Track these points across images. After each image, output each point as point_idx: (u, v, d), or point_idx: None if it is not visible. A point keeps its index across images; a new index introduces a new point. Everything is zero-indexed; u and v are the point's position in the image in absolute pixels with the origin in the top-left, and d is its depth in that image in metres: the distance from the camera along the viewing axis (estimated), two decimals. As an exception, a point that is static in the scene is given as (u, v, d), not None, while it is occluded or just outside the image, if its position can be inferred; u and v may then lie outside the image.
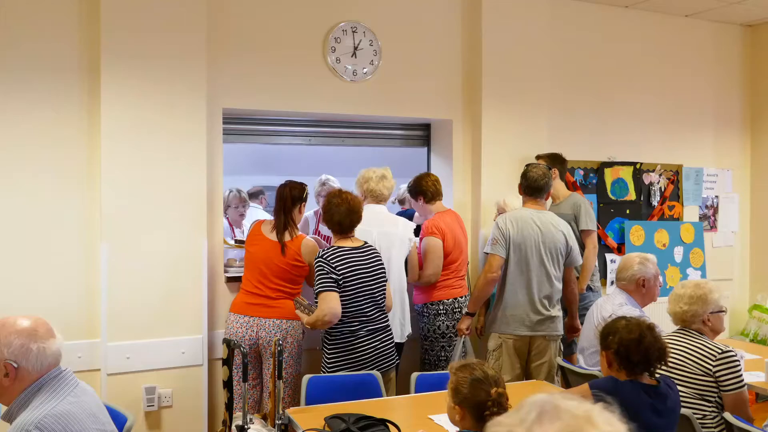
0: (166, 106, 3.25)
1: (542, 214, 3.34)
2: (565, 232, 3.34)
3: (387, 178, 3.52)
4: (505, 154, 4.09)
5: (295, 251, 3.19)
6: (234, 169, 6.03)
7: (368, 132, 4.29)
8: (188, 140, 3.29)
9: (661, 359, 2.22)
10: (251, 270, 3.23)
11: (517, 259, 3.26)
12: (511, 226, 3.26)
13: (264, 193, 5.74)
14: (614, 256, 4.60)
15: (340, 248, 2.95)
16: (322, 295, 2.85)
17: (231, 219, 4.64)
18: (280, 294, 3.19)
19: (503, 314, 3.29)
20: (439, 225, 3.57)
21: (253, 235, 3.29)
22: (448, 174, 4.14)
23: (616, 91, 4.65)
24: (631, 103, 4.70)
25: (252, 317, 3.16)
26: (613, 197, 4.63)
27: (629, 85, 4.70)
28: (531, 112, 4.18)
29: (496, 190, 4.00)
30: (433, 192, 3.68)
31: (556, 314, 3.31)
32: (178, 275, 3.27)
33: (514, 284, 3.27)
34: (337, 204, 2.98)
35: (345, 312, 2.88)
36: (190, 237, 3.30)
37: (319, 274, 2.87)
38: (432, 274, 3.55)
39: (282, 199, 3.26)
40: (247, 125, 3.91)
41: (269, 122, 4.00)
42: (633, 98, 4.71)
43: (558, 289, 3.34)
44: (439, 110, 4.09)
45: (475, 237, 4.09)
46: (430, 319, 3.57)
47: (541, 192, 3.37)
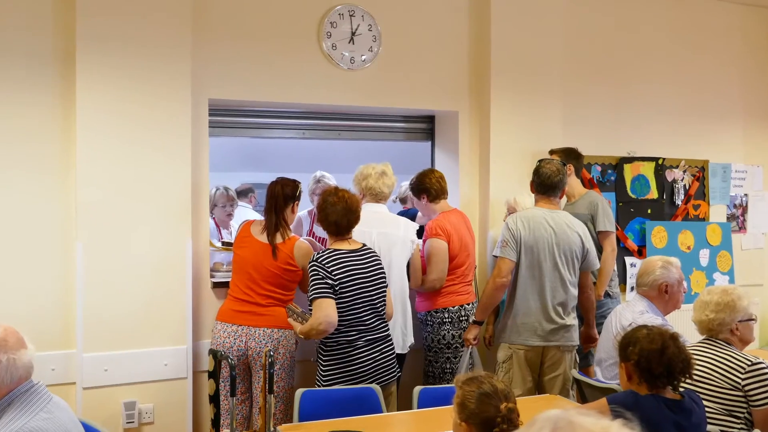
0: (147, 97, 3.25)
1: (556, 214, 3.35)
2: (581, 234, 3.35)
3: (387, 174, 3.52)
4: (515, 149, 4.09)
5: (288, 254, 3.19)
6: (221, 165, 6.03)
7: (367, 125, 4.28)
8: (171, 133, 3.29)
9: (685, 372, 2.22)
10: (240, 275, 3.23)
11: (528, 262, 3.26)
12: (523, 227, 3.26)
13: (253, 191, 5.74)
14: (634, 259, 4.61)
15: (337, 251, 2.95)
16: (317, 301, 2.85)
17: (218, 219, 4.65)
18: (271, 301, 3.19)
19: (514, 323, 3.29)
20: (444, 226, 3.57)
21: (241, 237, 3.29)
22: (453, 170, 4.14)
23: (636, 80, 4.65)
24: (652, 93, 4.70)
25: (240, 326, 3.16)
26: (633, 196, 4.63)
27: (651, 74, 4.70)
28: (544, 103, 4.18)
29: (505, 188, 4.00)
30: (438, 190, 3.68)
31: (571, 323, 3.31)
32: (161, 280, 3.27)
33: (526, 290, 3.27)
34: (333, 203, 2.98)
35: (342, 320, 2.88)
36: (174, 238, 3.30)
37: (314, 279, 2.87)
38: (436, 279, 3.55)
39: (273, 197, 3.26)
40: (235, 117, 3.91)
41: (259, 114, 4.00)
42: (655, 88, 4.71)
43: (573, 296, 3.34)
44: (444, 101, 4.09)
45: (483, 239, 4.09)
46: (435, 328, 3.57)
47: (555, 190, 3.37)
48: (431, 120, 4.38)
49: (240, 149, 6.70)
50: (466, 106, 4.13)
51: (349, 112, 4.13)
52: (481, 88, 4.12)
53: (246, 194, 5.60)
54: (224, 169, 6.32)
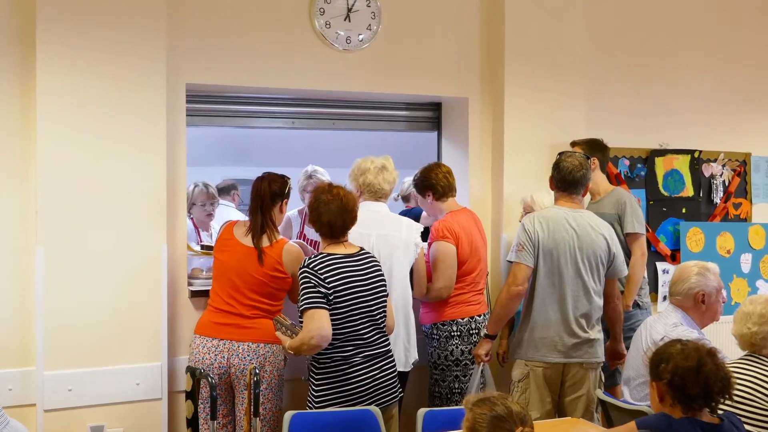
0: (117, 82, 3.24)
1: (579, 213, 3.34)
2: (607, 236, 3.34)
3: (388, 169, 3.52)
4: (532, 141, 4.08)
5: (275, 259, 3.19)
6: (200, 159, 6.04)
7: (365, 113, 4.28)
8: (144, 123, 3.29)
9: (724, 392, 2.22)
10: (221, 282, 3.22)
11: (547, 269, 3.26)
12: (541, 229, 3.26)
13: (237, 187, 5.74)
14: (667, 265, 4.60)
15: (331, 256, 2.95)
16: (309, 313, 2.84)
17: (196, 220, 4.65)
18: (257, 312, 3.18)
19: (531, 337, 3.29)
20: (452, 227, 3.57)
21: (223, 240, 3.29)
22: (462, 164, 4.14)
23: (669, 63, 4.65)
24: (687, 78, 4.70)
25: (222, 340, 3.16)
26: (665, 193, 4.63)
27: (685, 57, 4.70)
28: (565, 89, 4.18)
29: (521, 185, 4.00)
30: (445, 186, 3.68)
31: (595, 337, 3.31)
32: (132, 289, 3.26)
33: (544, 300, 3.27)
34: (326, 201, 2.98)
35: (336, 334, 2.88)
36: (147, 242, 3.29)
37: (305, 287, 2.87)
38: (443, 287, 3.55)
39: (259, 195, 3.25)
40: (216, 105, 3.90)
41: (243, 101, 3.99)
42: (690, 73, 4.70)
43: (598, 306, 3.33)
44: (452, 86, 4.09)
45: (496, 242, 4.09)
46: (441, 342, 3.57)
47: (578, 186, 3.37)
48: (437, 108, 4.37)
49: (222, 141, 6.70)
50: (477, 91, 4.13)
51: (345, 99, 4.12)
52: (494, 71, 4.11)
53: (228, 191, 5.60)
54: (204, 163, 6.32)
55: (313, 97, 4.04)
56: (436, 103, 4.35)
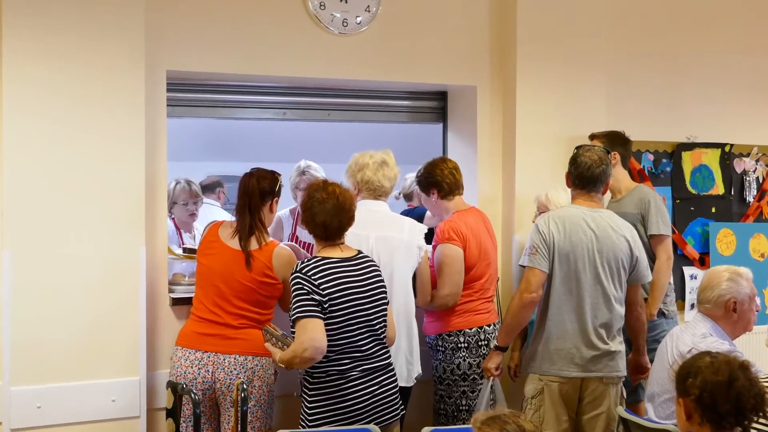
0: (90, 69, 3.24)
1: (598, 213, 3.35)
2: (629, 238, 3.35)
3: (388, 164, 3.52)
4: (547, 133, 4.09)
5: (265, 263, 3.19)
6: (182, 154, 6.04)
7: (363, 103, 4.28)
8: (120, 114, 3.29)
9: (757, 409, 2.22)
10: (205, 289, 3.23)
11: (564, 274, 3.26)
12: (556, 230, 3.26)
13: (222, 185, 5.74)
14: (695, 270, 4.60)
15: (325, 260, 2.95)
16: (301, 322, 2.85)
17: (178, 220, 4.65)
18: (245, 322, 3.19)
19: (545, 349, 3.29)
20: (459, 228, 3.57)
21: (207, 242, 3.29)
22: (470, 159, 4.14)
23: (698, 48, 4.65)
24: (718, 64, 4.69)
25: (206, 353, 3.16)
26: (693, 191, 4.63)
27: (716, 41, 4.70)
28: (583, 77, 4.18)
29: (535, 181, 4.00)
30: (451, 183, 3.68)
31: (616, 348, 3.32)
32: (107, 296, 3.27)
33: (561, 308, 3.27)
34: (321, 200, 2.98)
35: (332, 345, 2.88)
36: (123, 244, 3.29)
37: (297, 294, 2.87)
38: (449, 294, 3.55)
39: (247, 193, 3.26)
40: (199, 93, 3.91)
41: (229, 90, 4.00)
42: (721, 58, 4.70)
43: (619, 315, 3.34)
44: (459, 73, 4.09)
45: (507, 244, 4.09)
46: (447, 355, 3.58)
47: (597, 184, 3.37)
48: (443, 97, 4.37)
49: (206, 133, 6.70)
50: (487, 79, 4.13)
51: (341, 88, 4.12)
52: (505, 57, 4.11)
53: (213, 189, 5.60)
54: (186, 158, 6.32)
55: (306, 85, 4.04)
56: (441, 91, 4.35)
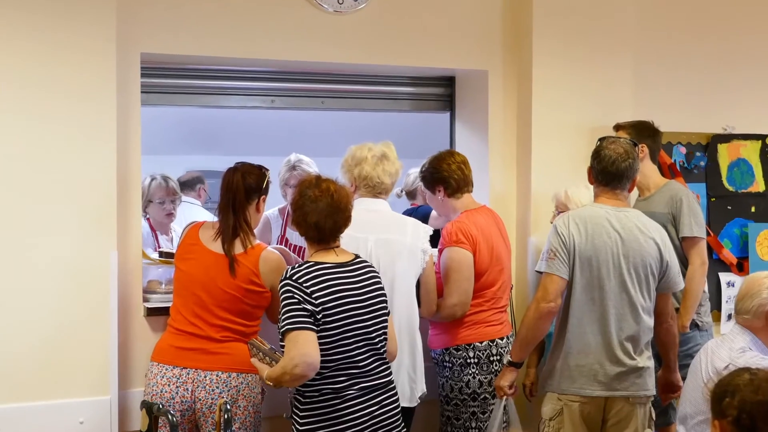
0: (55, 51, 3.24)
1: (624, 213, 3.34)
2: (659, 241, 3.34)
3: (389, 158, 3.52)
4: (567, 123, 4.09)
5: (251, 269, 3.19)
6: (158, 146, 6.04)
7: (360, 90, 4.28)
8: (89, 102, 3.29)
9: (803, 432, 2.22)
10: (184, 298, 3.23)
11: (585, 281, 3.26)
12: (577, 232, 3.26)
13: (203, 181, 5.74)
14: (733, 276, 4.60)
15: (319, 265, 2.95)
16: (292, 335, 2.84)
17: (153, 221, 4.64)
18: (228, 334, 3.19)
19: (565, 365, 3.29)
20: (469, 230, 3.57)
21: (186, 246, 3.29)
22: (481, 152, 4.14)
23: (735, 30, 4.64)
24: (758, 48, 4.69)
25: (185, 369, 3.16)
26: (730, 188, 4.63)
27: (756, 22, 4.69)
28: (608, 60, 4.18)
29: (553, 177, 4.00)
30: (459, 180, 3.68)
31: (644, 364, 3.31)
32: (74, 306, 3.26)
33: (582, 319, 3.27)
34: (313, 198, 2.98)
35: (326, 361, 2.88)
36: (92, 248, 3.29)
37: (287, 303, 2.87)
38: (457, 303, 3.55)
39: (231, 190, 3.26)
40: (177, 79, 3.91)
41: (211, 75, 4.00)
42: (761, 41, 4.70)
43: (648, 327, 3.33)
44: (469, 56, 4.09)
45: (522, 248, 4.09)
46: (455, 371, 3.58)
47: (622, 180, 3.36)
48: (450, 83, 4.37)
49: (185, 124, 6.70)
50: (499, 63, 4.13)
51: (336, 72, 4.12)
52: (520, 37, 4.11)
53: (193, 186, 5.60)
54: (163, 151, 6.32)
55: (297, 69, 4.04)
56: (448, 77, 4.35)
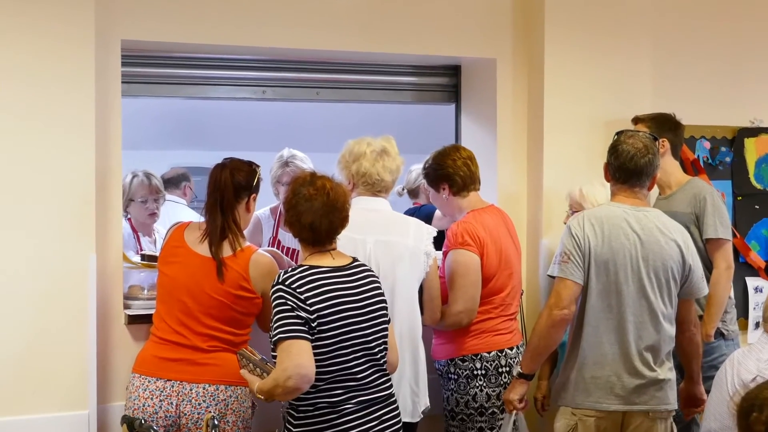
0: (30, 39, 3.24)
1: (643, 213, 3.34)
2: (681, 243, 3.34)
3: (389, 154, 3.52)
4: (581, 116, 4.09)
5: (240, 273, 3.19)
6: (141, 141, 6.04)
7: (358, 79, 4.27)
8: (65, 93, 3.29)
9: (836, 449, 2.21)
10: (168, 304, 3.23)
11: (602, 286, 3.25)
12: (593, 233, 3.26)
13: (189, 178, 5.74)
14: (761, 281, 4.59)
15: (313, 269, 2.95)
16: (284, 345, 2.84)
17: (135, 221, 4.64)
18: (216, 344, 3.19)
19: (580, 376, 3.29)
20: (476, 231, 3.57)
21: (171, 248, 3.29)
22: (489, 147, 4.14)
23: (762, 15, 4.64)
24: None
25: (169, 381, 3.16)
26: (758, 186, 4.63)
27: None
28: (624, 48, 4.18)
29: (567, 174, 4.01)
30: (465, 177, 3.67)
31: (665, 376, 3.31)
32: (49, 313, 3.26)
33: (598, 328, 3.27)
34: (308, 196, 2.97)
35: (322, 373, 2.88)
36: (69, 251, 3.29)
37: (279, 310, 2.87)
38: (463, 310, 3.55)
39: (218, 188, 3.25)
40: (161, 68, 3.91)
41: (197, 64, 3.99)
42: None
43: (669, 336, 3.33)
44: (476, 44, 4.09)
45: (533, 250, 4.09)
46: (461, 384, 3.58)
47: (641, 177, 3.36)
48: (455, 72, 4.37)
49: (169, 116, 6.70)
50: (508, 50, 4.13)
51: (332, 61, 4.12)
52: (531, 24, 4.11)
53: (177, 184, 5.60)
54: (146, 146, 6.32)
55: (290, 58, 4.04)
56: (453, 66, 4.34)
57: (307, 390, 2.85)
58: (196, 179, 5.70)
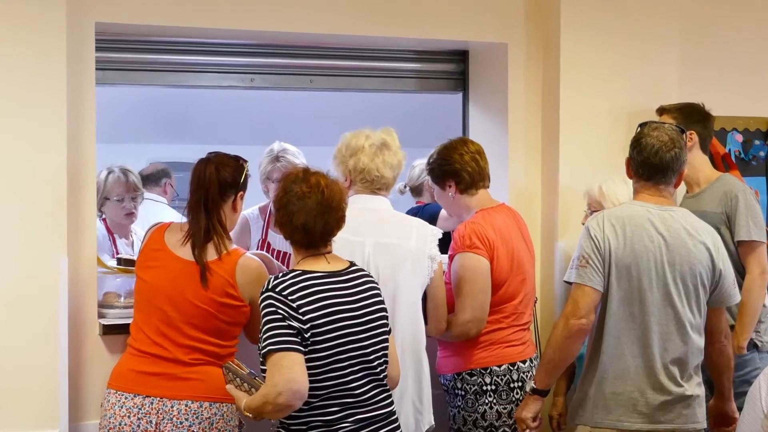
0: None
1: (669, 212, 3.34)
2: (711, 246, 3.34)
3: (390, 148, 3.52)
4: (601, 106, 4.10)
5: (226, 279, 3.19)
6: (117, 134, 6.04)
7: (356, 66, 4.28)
8: (34, 81, 3.29)
9: None
10: (147, 313, 3.23)
11: (623, 293, 3.26)
12: (614, 235, 3.26)
13: (170, 175, 5.74)
14: (798, 288, 4.60)
15: (307, 274, 2.95)
16: (275, 357, 2.84)
17: (111, 221, 4.65)
18: (200, 357, 3.19)
19: (599, 392, 3.29)
20: (485, 232, 3.57)
21: (150, 251, 3.29)
22: (499, 141, 4.15)
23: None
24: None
25: (148, 398, 3.16)
26: (795, 183, 4.64)
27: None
28: (649, 32, 4.19)
29: (585, 170, 4.01)
30: (473, 173, 3.67)
31: (693, 392, 3.31)
32: (17, 323, 3.27)
33: (619, 339, 3.27)
34: (300, 194, 2.97)
35: (316, 389, 2.88)
36: (38, 254, 3.30)
37: (269, 320, 2.87)
38: (471, 320, 3.55)
39: (202, 185, 3.25)
40: (139, 54, 3.91)
41: (179, 49, 4.00)
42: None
43: (697, 348, 3.33)
44: (485, 27, 4.09)
45: (548, 254, 4.10)
46: (469, 401, 3.58)
47: (667, 173, 3.36)
48: (463, 59, 4.38)
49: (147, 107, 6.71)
50: (521, 35, 4.14)
51: (328, 46, 4.13)
52: (546, 5, 4.12)
53: (157, 180, 5.60)
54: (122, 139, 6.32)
55: (281, 42, 4.04)
56: (460, 51, 4.35)
57: (299, 407, 2.85)
58: (178, 176, 5.70)
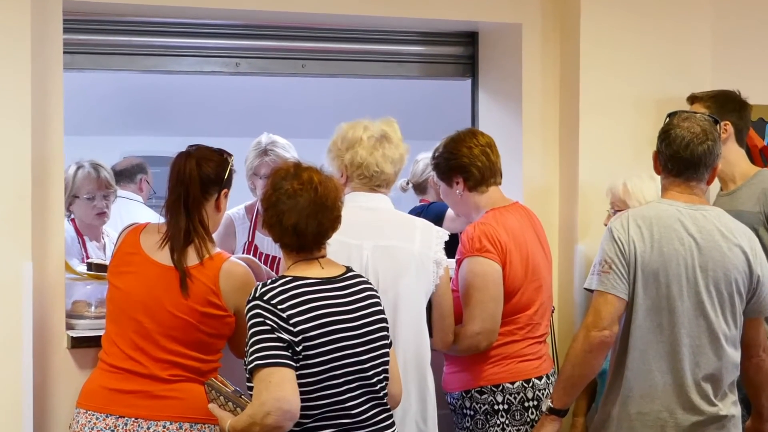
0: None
1: (701, 212, 3.35)
2: (748, 250, 3.34)
3: (391, 140, 3.52)
4: (625, 94, 4.10)
5: (209, 286, 3.20)
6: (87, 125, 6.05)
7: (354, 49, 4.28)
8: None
9: None
10: (121, 324, 3.23)
11: (651, 302, 3.26)
12: (640, 237, 3.26)
13: (146, 170, 5.74)
14: None
15: (298, 281, 2.95)
16: (263, 373, 2.84)
17: (80, 222, 4.65)
18: (179, 373, 3.20)
19: (624, 412, 3.30)
20: (496, 234, 3.57)
21: (124, 255, 3.30)
22: (512, 133, 4.15)
23: None
24: None
25: (123, 418, 3.16)
26: (842, 179, 4.63)
27: None
28: (679, 11, 4.19)
29: (607, 165, 4.02)
30: (483, 168, 3.68)
31: (727, 412, 3.32)
32: (-24, 335, 3.28)
33: (646, 352, 3.27)
34: (291, 192, 2.98)
35: (308, 408, 2.88)
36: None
37: (257, 332, 2.87)
38: (481, 332, 3.55)
39: (182, 182, 3.25)
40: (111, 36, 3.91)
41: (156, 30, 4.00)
42: None
43: (732, 363, 3.34)
44: (497, 6, 4.10)
45: (567, 258, 4.11)
46: (479, 422, 3.58)
47: (699, 168, 3.36)
48: (471, 41, 4.38)
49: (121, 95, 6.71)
50: (536, 15, 4.14)
51: (322, 27, 4.13)
52: (564, -18, 4.14)
53: (132, 176, 5.60)
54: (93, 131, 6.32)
55: (269, 23, 4.04)
56: (469, 33, 4.35)
57: (290, 429, 2.86)
58: (155, 171, 5.71)
